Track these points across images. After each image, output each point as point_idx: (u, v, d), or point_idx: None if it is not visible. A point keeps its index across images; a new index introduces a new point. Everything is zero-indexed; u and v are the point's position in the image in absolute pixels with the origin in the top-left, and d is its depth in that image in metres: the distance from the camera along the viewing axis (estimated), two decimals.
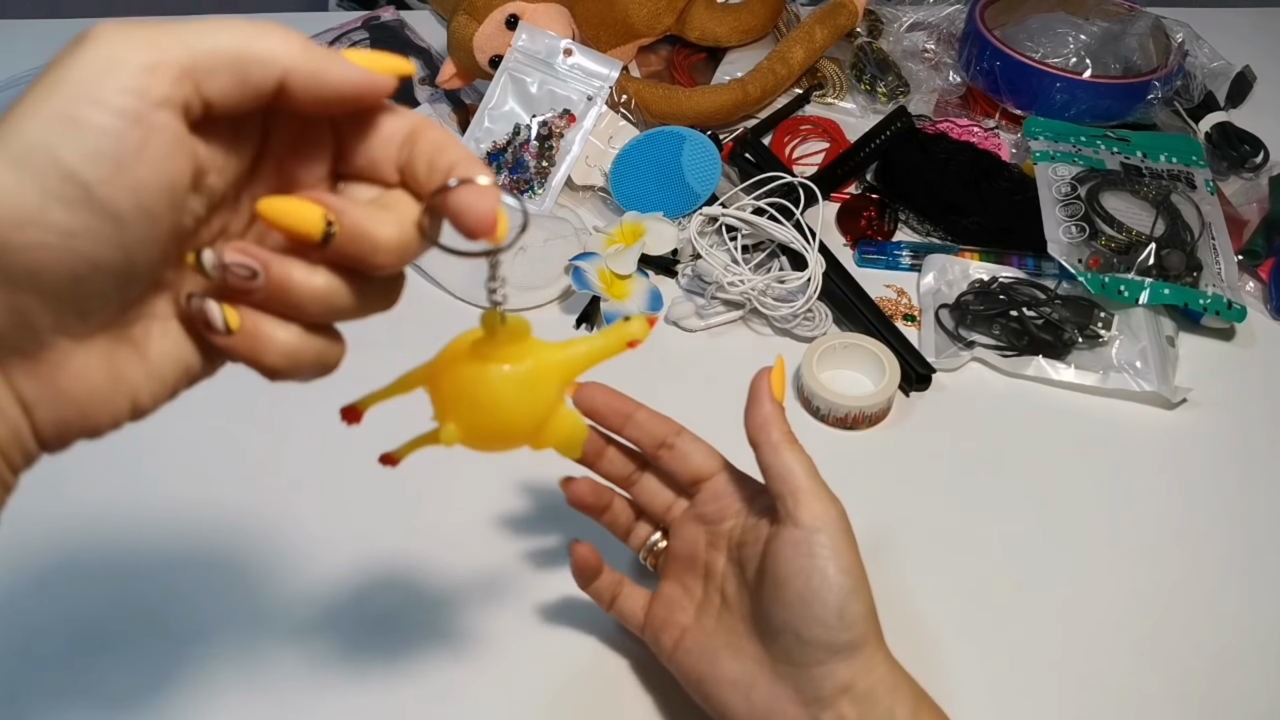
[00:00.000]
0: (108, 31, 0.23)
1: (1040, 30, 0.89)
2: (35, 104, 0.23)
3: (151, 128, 0.24)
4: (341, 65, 0.27)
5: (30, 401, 0.27)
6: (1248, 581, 0.58)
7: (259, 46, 0.25)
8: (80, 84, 0.23)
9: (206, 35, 0.24)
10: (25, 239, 0.23)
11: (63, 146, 0.23)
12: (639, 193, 0.75)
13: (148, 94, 0.24)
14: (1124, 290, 0.69)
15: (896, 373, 0.65)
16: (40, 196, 0.23)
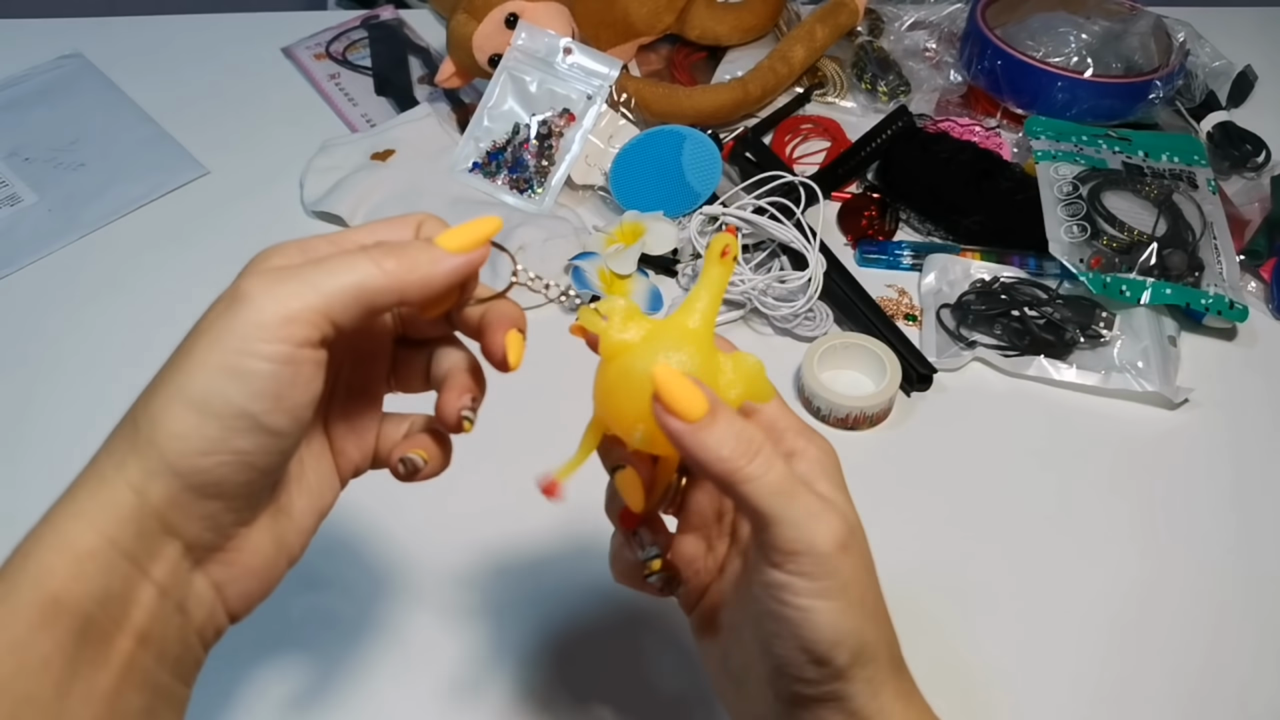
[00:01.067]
0: (254, 290, 0.29)
1: (1041, 29, 0.89)
2: (204, 355, 0.29)
3: (299, 363, 0.30)
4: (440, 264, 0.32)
5: (221, 584, 0.32)
6: (1250, 581, 0.57)
7: (378, 280, 0.30)
8: (240, 339, 0.29)
9: (334, 277, 0.30)
10: (211, 463, 0.29)
11: (234, 392, 0.29)
12: (639, 192, 0.75)
13: (293, 339, 0.29)
14: (1126, 290, 0.69)
15: (898, 373, 0.64)
16: (221, 431, 0.29)
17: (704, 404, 0.31)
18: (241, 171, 0.82)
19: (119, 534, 0.29)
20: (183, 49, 0.94)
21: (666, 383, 0.32)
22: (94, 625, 0.28)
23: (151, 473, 0.29)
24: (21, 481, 0.61)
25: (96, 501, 0.29)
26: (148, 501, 0.29)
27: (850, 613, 0.33)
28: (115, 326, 0.70)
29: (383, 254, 0.31)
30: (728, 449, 0.31)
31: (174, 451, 0.29)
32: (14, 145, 0.83)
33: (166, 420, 0.29)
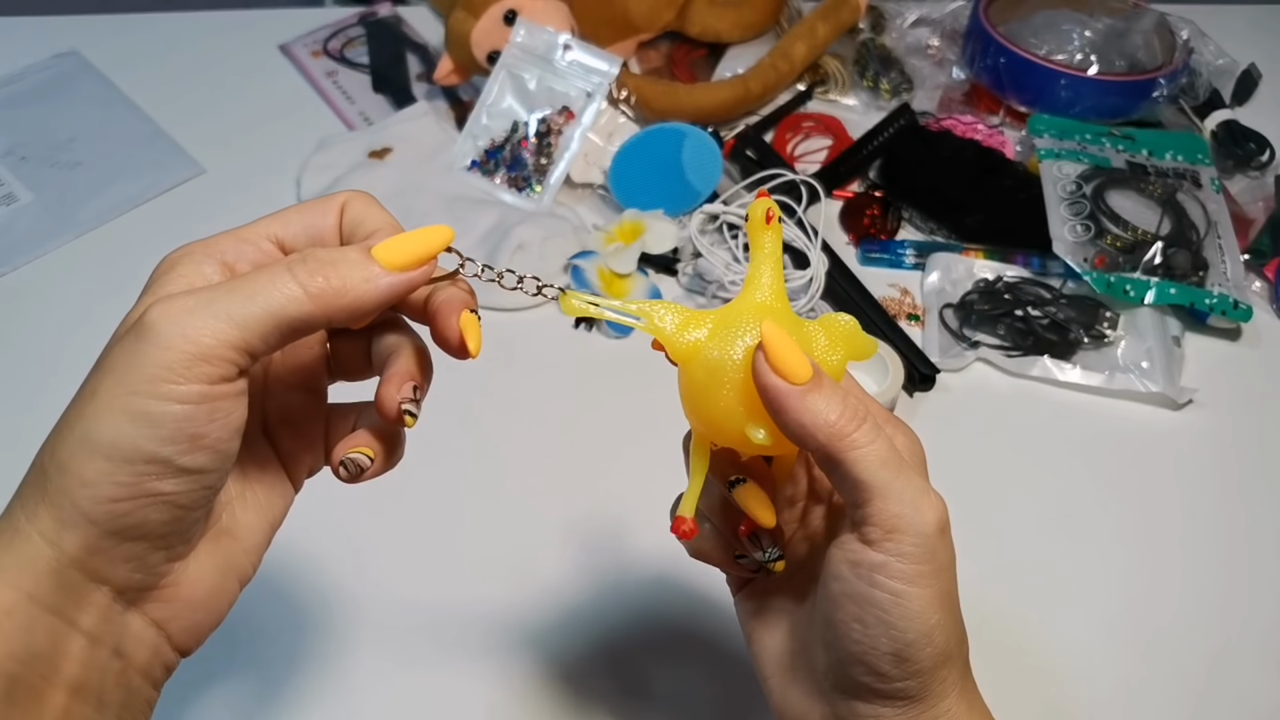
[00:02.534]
0: (161, 322, 0.27)
1: (1045, 26, 0.88)
2: (108, 397, 0.27)
3: (215, 399, 0.27)
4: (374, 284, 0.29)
5: (163, 621, 0.30)
6: (1254, 581, 0.57)
7: (302, 306, 0.28)
8: (146, 380, 0.27)
9: (251, 303, 0.27)
10: (128, 507, 0.27)
11: (143, 438, 0.27)
12: (639, 190, 0.74)
13: (207, 377, 0.27)
14: (1130, 290, 0.68)
15: (900, 373, 0.64)
16: (134, 476, 0.27)
17: (809, 365, 0.30)
18: (239, 170, 0.81)
19: (36, 588, 0.27)
20: (180, 46, 0.93)
21: (774, 340, 0.29)
22: (19, 684, 0.27)
23: (65, 522, 0.27)
24: (17, 479, 0.60)
25: (12, 556, 0.27)
26: (64, 552, 0.27)
27: (942, 605, 0.31)
28: (112, 326, 0.69)
29: (308, 271, 0.28)
30: (835, 413, 0.30)
31: (86, 499, 0.27)
32: (10, 144, 0.83)
33: (74, 467, 0.27)
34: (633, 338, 0.70)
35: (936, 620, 0.31)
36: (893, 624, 0.31)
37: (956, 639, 0.32)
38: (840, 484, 0.31)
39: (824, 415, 0.30)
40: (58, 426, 0.28)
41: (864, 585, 0.31)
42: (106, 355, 0.28)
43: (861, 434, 0.30)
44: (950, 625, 0.32)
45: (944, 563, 0.31)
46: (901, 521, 0.30)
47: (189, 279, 0.29)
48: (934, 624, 0.31)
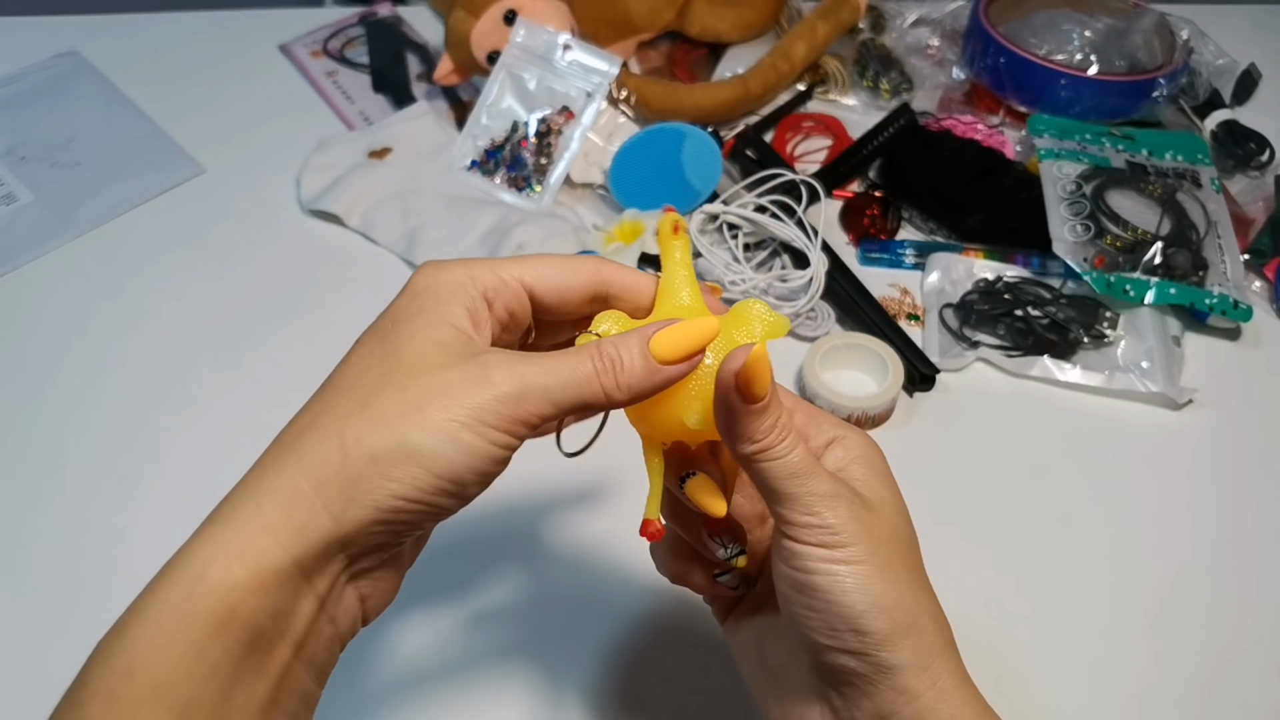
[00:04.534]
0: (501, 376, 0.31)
1: (1044, 26, 0.88)
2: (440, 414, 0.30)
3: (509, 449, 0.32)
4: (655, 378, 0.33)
5: (366, 596, 0.33)
6: (1255, 581, 0.57)
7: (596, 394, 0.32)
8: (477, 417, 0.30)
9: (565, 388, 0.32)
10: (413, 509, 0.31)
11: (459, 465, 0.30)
12: (639, 190, 0.74)
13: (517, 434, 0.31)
14: (1130, 289, 0.68)
15: (900, 373, 0.64)
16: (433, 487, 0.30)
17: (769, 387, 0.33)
18: (238, 169, 0.81)
19: (305, 555, 0.30)
20: (179, 46, 0.93)
21: (760, 363, 0.32)
22: (263, 636, 0.29)
23: (355, 503, 0.30)
24: (20, 479, 0.60)
25: (290, 520, 0.30)
26: (342, 528, 0.30)
27: (880, 578, 0.33)
28: (112, 326, 0.70)
29: (605, 364, 0.32)
30: (761, 431, 0.33)
31: (385, 492, 0.30)
32: (10, 144, 0.83)
33: (386, 462, 0.30)
34: None
35: (881, 591, 0.33)
36: (836, 600, 0.33)
37: (918, 611, 0.34)
38: (763, 490, 0.35)
39: (759, 430, 0.33)
40: (357, 414, 0.31)
41: (801, 575, 0.34)
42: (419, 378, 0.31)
43: (782, 446, 0.34)
44: (905, 597, 0.34)
45: (870, 546, 0.34)
46: (814, 519, 0.33)
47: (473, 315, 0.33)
48: (878, 593, 0.33)
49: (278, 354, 0.68)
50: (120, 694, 0.28)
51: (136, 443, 0.63)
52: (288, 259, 0.74)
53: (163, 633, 0.28)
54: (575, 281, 0.35)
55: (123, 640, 0.29)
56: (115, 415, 0.64)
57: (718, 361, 0.34)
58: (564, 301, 0.36)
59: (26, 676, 0.51)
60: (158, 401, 0.65)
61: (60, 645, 0.52)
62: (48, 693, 0.30)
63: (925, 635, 0.34)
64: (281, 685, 0.30)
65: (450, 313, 0.32)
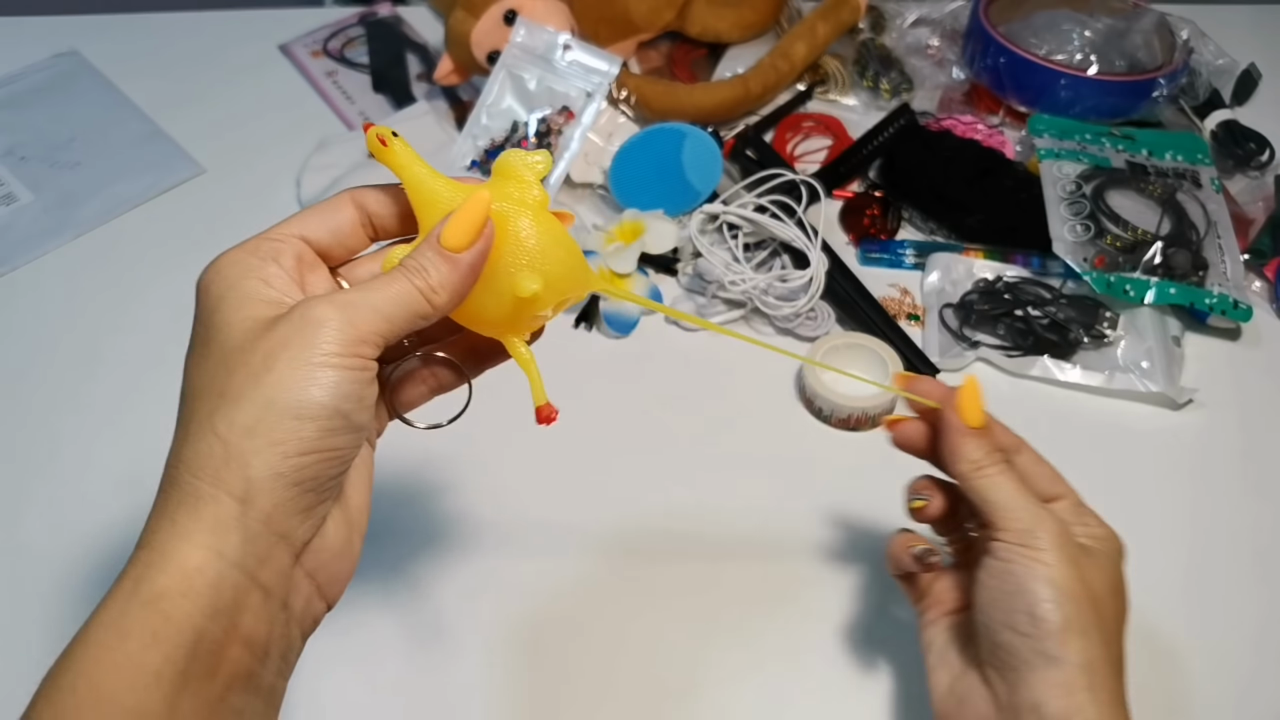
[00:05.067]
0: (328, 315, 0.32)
1: (1045, 26, 0.88)
2: (291, 370, 0.31)
3: (368, 370, 0.33)
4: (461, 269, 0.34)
5: (313, 571, 0.34)
6: (1254, 581, 0.57)
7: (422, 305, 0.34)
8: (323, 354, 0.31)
9: (393, 305, 0.33)
10: (310, 460, 0.31)
11: (327, 397, 0.31)
12: (639, 190, 0.74)
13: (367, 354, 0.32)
14: (1129, 289, 0.68)
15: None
16: (317, 432, 0.31)
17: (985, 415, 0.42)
18: (238, 169, 0.81)
19: (224, 545, 0.30)
20: (179, 46, 0.93)
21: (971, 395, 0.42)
22: (205, 637, 0.30)
23: (254, 480, 0.31)
24: (19, 479, 0.60)
25: (198, 520, 0.30)
26: (255, 508, 0.31)
27: (1070, 575, 0.38)
28: (112, 326, 0.70)
29: (414, 275, 0.34)
30: (981, 451, 0.41)
31: (277, 455, 0.31)
32: (10, 144, 0.83)
33: (263, 429, 0.31)
34: (633, 337, 0.70)
35: (1068, 586, 0.38)
36: (1023, 585, 0.38)
37: (1095, 626, 0.39)
38: (977, 505, 0.41)
39: (972, 453, 0.41)
40: (218, 404, 0.31)
41: (1001, 563, 0.39)
42: (270, 345, 0.31)
43: (995, 468, 0.41)
44: (1086, 608, 0.38)
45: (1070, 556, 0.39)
46: (1023, 523, 0.39)
47: (269, 282, 0.33)
48: (1064, 586, 0.38)
49: None
50: (65, 709, 0.28)
51: (136, 442, 0.63)
52: None
53: (102, 649, 0.29)
54: (341, 218, 0.36)
55: (66, 662, 0.29)
56: (114, 415, 0.64)
57: (514, 224, 0.35)
58: (338, 240, 0.36)
59: (25, 675, 0.51)
60: (157, 401, 0.65)
61: (59, 645, 0.53)
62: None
63: (1094, 646, 0.38)
64: (232, 683, 0.30)
65: (249, 287, 0.33)
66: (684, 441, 0.63)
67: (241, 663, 0.31)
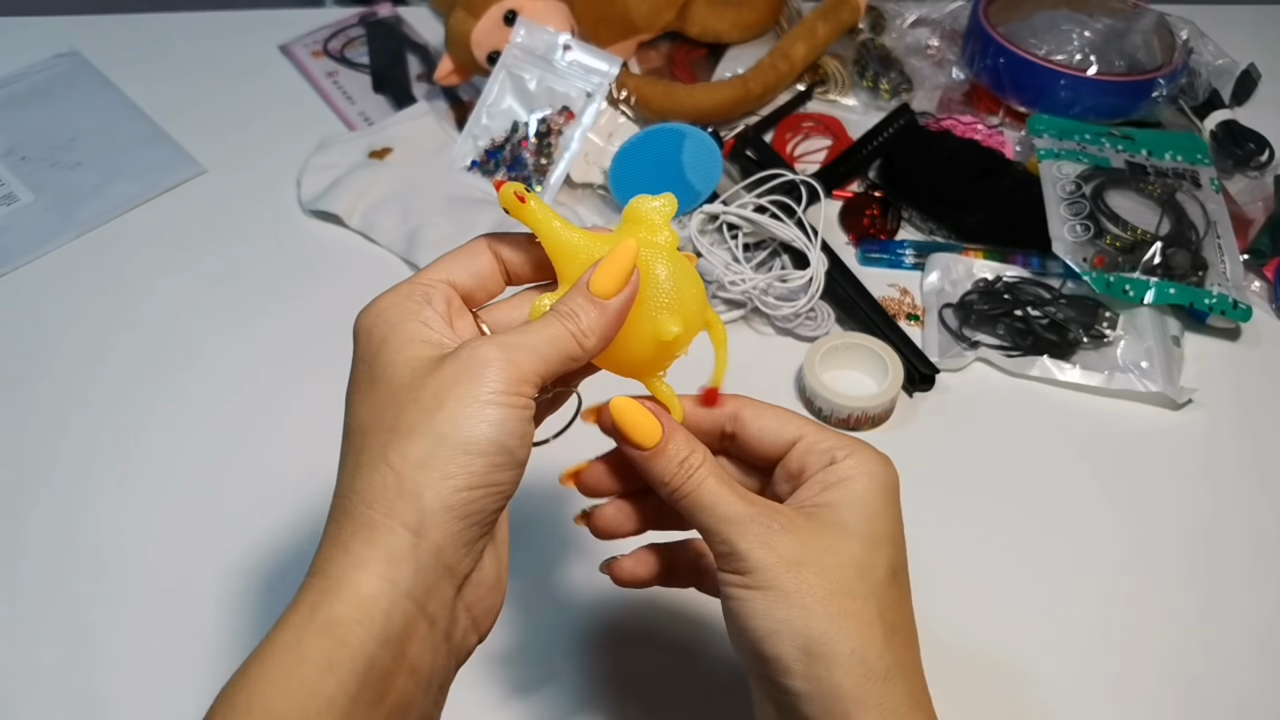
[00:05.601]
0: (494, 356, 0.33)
1: (1044, 27, 0.88)
2: (461, 407, 0.32)
3: (529, 409, 0.34)
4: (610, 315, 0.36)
5: (470, 604, 0.35)
6: (1253, 581, 0.57)
7: (574, 349, 0.35)
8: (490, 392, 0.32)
9: (551, 348, 0.34)
10: (478, 495, 0.32)
11: (496, 433, 0.32)
12: (639, 190, 0.73)
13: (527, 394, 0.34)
14: (1129, 289, 0.68)
15: (900, 373, 0.64)
16: (485, 467, 0.32)
17: (657, 432, 0.37)
18: (239, 170, 0.82)
19: (398, 575, 0.31)
20: (180, 47, 0.93)
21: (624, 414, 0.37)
22: (376, 664, 0.31)
23: (427, 512, 0.32)
24: (20, 478, 0.60)
25: (373, 548, 0.31)
26: (425, 538, 0.32)
27: (788, 605, 0.34)
28: (113, 325, 0.70)
29: (567, 319, 0.35)
30: (669, 473, 0.37)
31: (448, 489, 0.32)
32: (10, 144, 0.83)
33: (436, 464, 0.32)
34: None
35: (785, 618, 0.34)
36: (741, 625, 0.35)
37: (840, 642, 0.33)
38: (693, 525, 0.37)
39: (661, 475, 0.37)
40: (390, 438, 0.32)
41: (723, 601, 0.36)
42: (423, 386, 0.33)
43: (688, 483, 0.36)
44: (823, 628, 0.33)
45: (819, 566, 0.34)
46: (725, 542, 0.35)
47: (428, 324, 0.35)
48: (782, 620, 0.34)
49: (278, 354, 0.68)
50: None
51: (137, 442, 0.63)
52: (288, 259, 0.74)
53: (278, 671, 0.30)
54: (481, 263, 0.38)
55: (242, 682, 0.30)
56: (115, 415, 0.64)
57: (651, 270, 0.37)
58: (480, 284, 0.38)
59: (23, 675, 0.51)
60: (158, 401, 0.65)
61: (57, 644, 0.53)
62: (44, 688, 0.30)
63: (854, 670, 0.33)
64: (395, 709, 0.31)
65: (411, 329, 0.34)
66: None
67: (406, 691, 0.32)
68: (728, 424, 0.40)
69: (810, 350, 0.65)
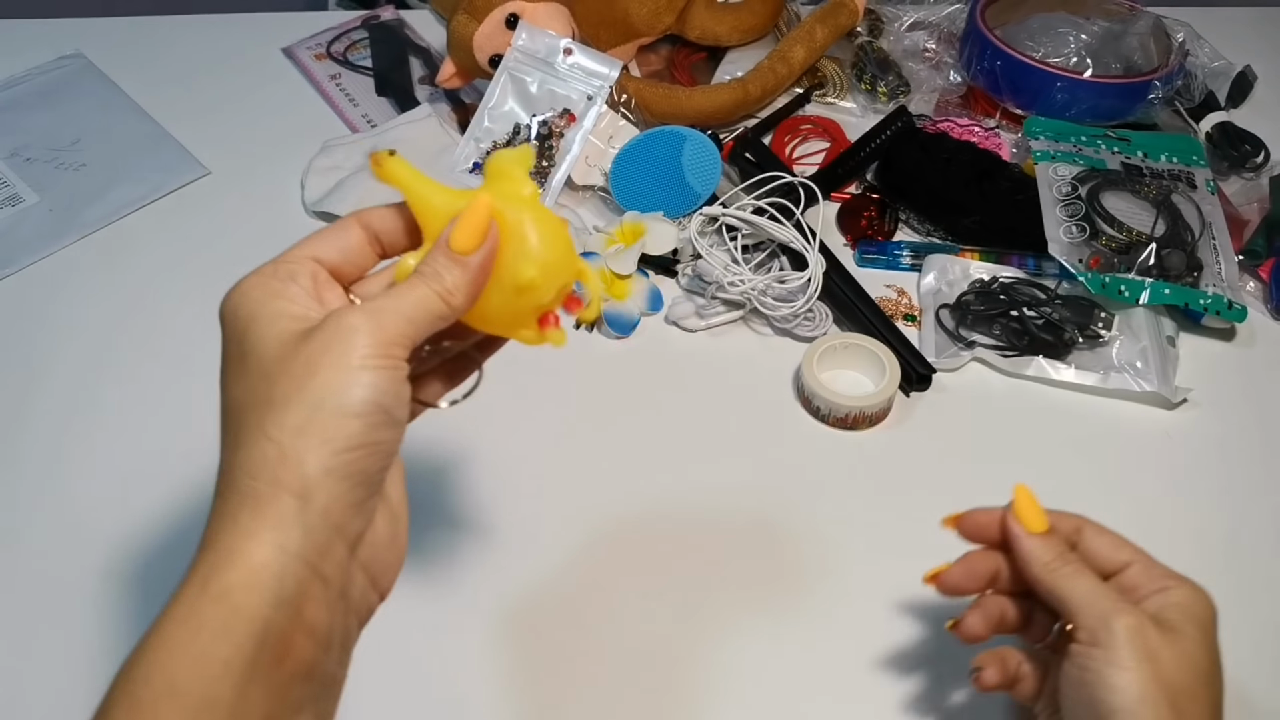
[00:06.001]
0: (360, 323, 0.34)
1: (1041, 30, 0.89)
2: (335, 373, 0.33)
3: (401, 369, 0.35)
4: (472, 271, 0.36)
5: (366, 563, 0.35)
6: (1248, 581, 0.57)
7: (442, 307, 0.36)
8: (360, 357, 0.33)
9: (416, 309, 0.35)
10: (359, 455, 0.33)
11: (370, 394, 0.33)
12: (639, 192, 0.75)
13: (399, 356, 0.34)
14: (1124, 290, 0.69)
15: (897, 373, 0.64)
16: (364, 428, 0.33)
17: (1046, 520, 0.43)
18: (242, 172, 0.82)
19: (286, 540, 0.32)
20: (184, 49, 0.94)
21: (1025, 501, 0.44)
22: (272, 627, 0.31)
23: (309, 476, 0.32)
24: (21, 478, 0.61)
25: (261, 518, 0.32)
26: (312, 502, 0.32)
27: (1144, 677, 0.37)
28: (117, 327, 0.70)
29: (430, 280, 0.36)
30: (1051, 554, 0.42)
31: (328, 452, 0.32)
32: (15, 145, 0.83)
33: (314, 429, 0.33)
34: (633, 337, 0.70)
35: (1142, 697, 0.37)
36: (1097, 698, 0.38)
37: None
38: (1055, 603, 0.41)
39: (1042, 555, 0.42)
40: (266, 412, 0.33)
41: (1076, 670, 0.39)
42: (309, 353, 0.33)
43: (1069, 567, 0.41)
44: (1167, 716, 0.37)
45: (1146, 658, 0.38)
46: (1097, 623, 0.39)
47: (293, 300, 0.35)
48: (1138, 698, 0.37)
49: None
50: (140, 699, 0.30)
51: (140, 443, 0.63)
52: None
53: (173, 642, 0.31)
54: (349, 238, 0.38)
55: (139, 656, 0.31)
56: (119, 415, 0.65)
57: (512, 220, 0.37)
58: (348, 259, 0.38)
59: (24, 677, 0.52)
60: (161, 402, 0.66)
61: (58, 645, 0.53)
62: (44, 685, 0.30)
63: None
64: (297, 671, 0.32)
65: (277, 307, 0.35)
66: (682, 440, 0.64)
67: (306, 651, 0.32)
68: (1073, 535, 0.44)
69: (808, 350, 0.66)
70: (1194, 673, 0.38)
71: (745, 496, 0.61)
